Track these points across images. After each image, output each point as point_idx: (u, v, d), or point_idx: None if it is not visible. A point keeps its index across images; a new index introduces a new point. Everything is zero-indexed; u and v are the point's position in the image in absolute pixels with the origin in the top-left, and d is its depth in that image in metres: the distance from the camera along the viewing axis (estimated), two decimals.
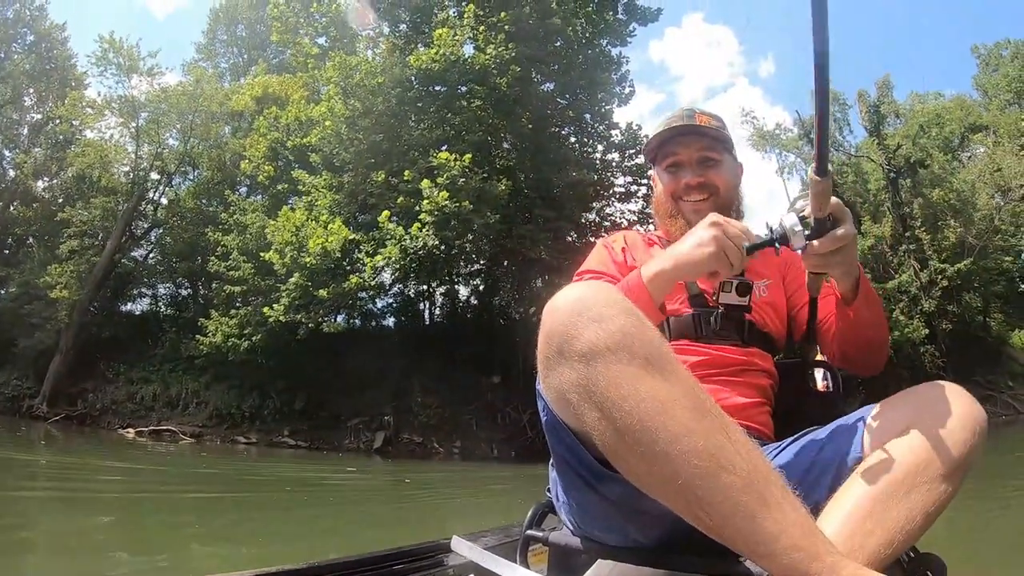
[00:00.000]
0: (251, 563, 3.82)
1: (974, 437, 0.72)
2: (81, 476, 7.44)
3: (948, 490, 0.70)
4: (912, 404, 0.77)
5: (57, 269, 15.19)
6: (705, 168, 1.14)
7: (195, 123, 15.75)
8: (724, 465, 0.60)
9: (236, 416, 13.05)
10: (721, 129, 1.16)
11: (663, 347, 0.65)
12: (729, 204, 1.15)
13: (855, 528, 0.68)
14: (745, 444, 0.63)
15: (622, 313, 0.65)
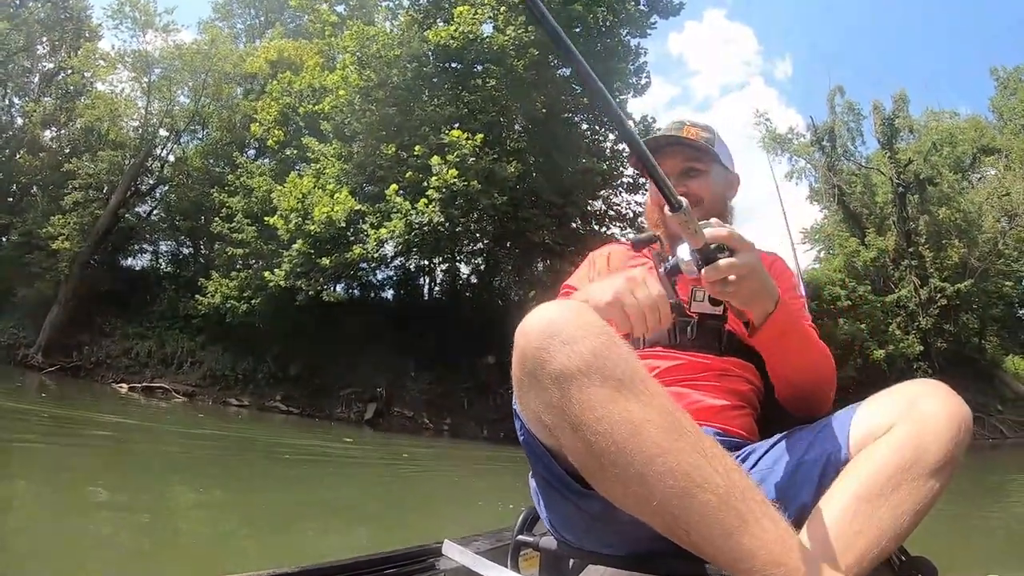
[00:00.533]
0: (233, 519, 3.91)
1: (959, 434, 0.72)
2: (79, 428, 7.52)
3: (935, 487, 0.70)
4: (897, 402, 0.77)
5: (60, 220, 15.15)
6: (688, 179, 1.13)
7: (207, 82, 15.67)
8: (700, 484, 0.61)
9: (230, 378, 13.12)
10: (710, 140, 1.15)
11: (636, 366, 0.65)
12: (715, 215, 1.11)
13: (843, 529, 0.68)
14: (722, 460, 0.63)
15: (592, 334, 0.65)
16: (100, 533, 3.05)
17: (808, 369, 0.97)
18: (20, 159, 18.37)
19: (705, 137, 1.14)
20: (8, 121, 19.26)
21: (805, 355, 0.95)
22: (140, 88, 16.91)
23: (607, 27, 12.58)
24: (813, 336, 0.96)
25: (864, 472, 0.71)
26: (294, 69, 13.88)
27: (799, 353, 0.94)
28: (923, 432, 0.71)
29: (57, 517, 3.19)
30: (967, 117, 20.07)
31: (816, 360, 0.96)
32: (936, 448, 0.70)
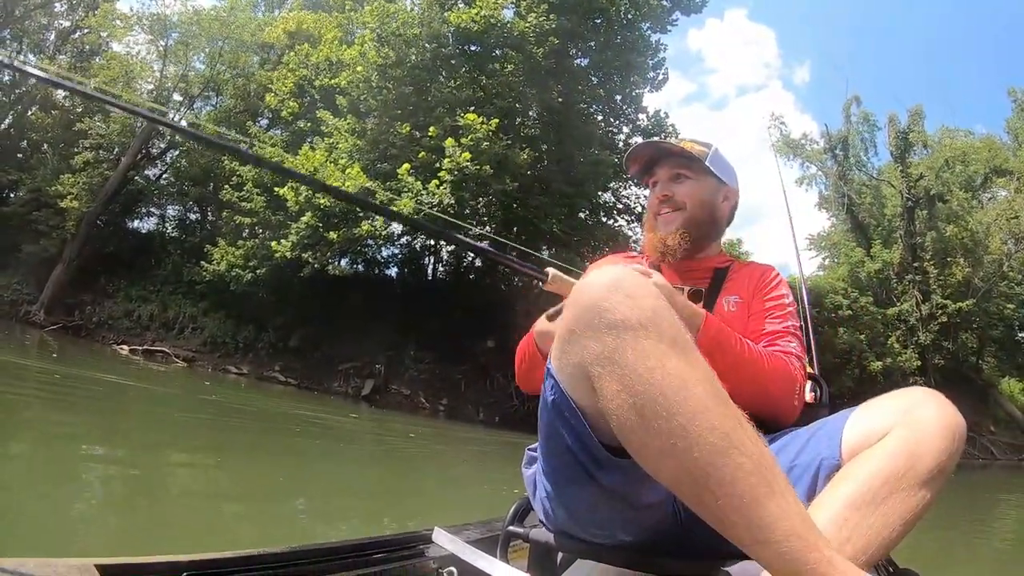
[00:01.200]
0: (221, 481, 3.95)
1: (952, 444, 0.71)
2: (84, 385, 7.59)
3: (926, 497, 0.69)
4: (892, 409, 0.77)
5: (70, 179, 15.16)
6: (674, 184, 1.19)
7: (224, 49, 15.61)
8: (736, 445, 0.62)
9: (230, 346, 13.18)
10: (704, 153, 1.19)
11: (687, 335, 0.68)
12: (700, 221, 1.19)
13: (831, 535, 0.67)
14: (754, 432, 0.64)
15: (653, 295, 0.68)
16: (88, 495, 3.09)
17: (740, 392, 0.95)
18: (32, 116, 18.36)
19: (698, 151, 1.19)
20: (21, 77, 19.21)
21: (732, 379, 0.92)
22: (156, 51, 16.88)
23: (628, 20, 12.53)
24: (753, 361, 0.96)
25: (856, 479, 0.71)
26: (312, 42, 13.83)
27: (730, 377, 0.90)
28: (917, 441, 0.71)
29: (48, 480, 3.21)
30: (982, 136, 20.00)
31: (749, 384, 0.93)
32: (929, 458, 0.70)
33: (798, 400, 1.01)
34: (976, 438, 16.38)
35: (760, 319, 1.12)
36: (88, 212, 15.13)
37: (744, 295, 1.15)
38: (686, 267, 1.20)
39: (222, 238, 12.71)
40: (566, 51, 11.88)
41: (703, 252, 1.21)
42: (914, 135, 17.67)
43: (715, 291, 1.16)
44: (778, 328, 1.09)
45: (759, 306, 1.14)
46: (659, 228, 1.19)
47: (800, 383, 1.02)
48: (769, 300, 1.14)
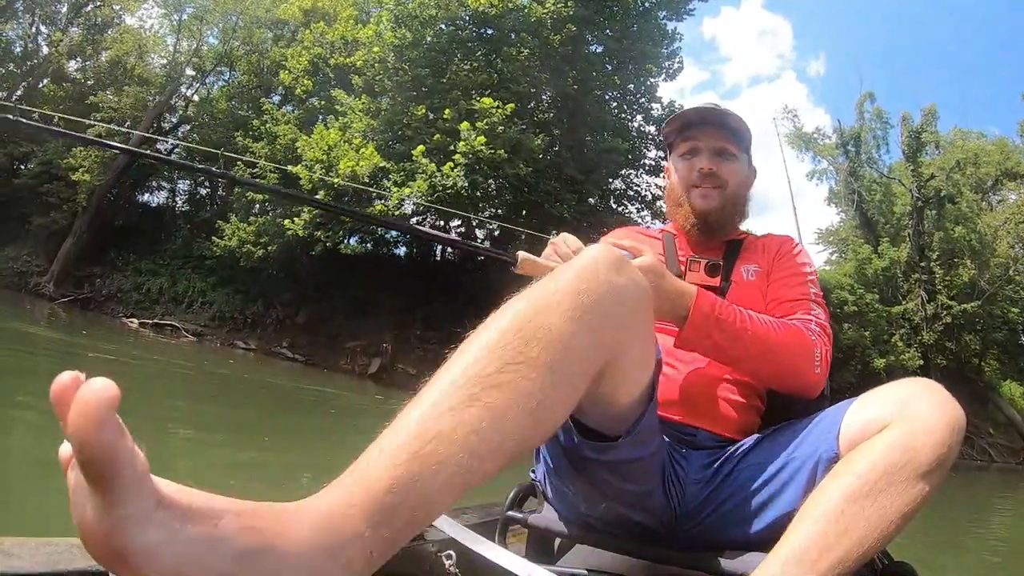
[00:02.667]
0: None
1: (952, 436, 0.70)
2: (98, 355, 7.67)
3: (925, 490, 0.68)
4: (891, 401, 0.75)
5: (82, 152, 15.20)
6: (721, 159, 1.14)
7: (238, 25, 15.59)
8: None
9: (239, 320, 13.29)
10: (744, 127, 1.15)
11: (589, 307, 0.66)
12: (736, 201, 1.16)
13: (827, 527, 0.66)
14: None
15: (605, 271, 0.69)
16: None
17: (750, 367, 0.98)
18: (45, 88, 18.34)
19: (743, 127, 1.16)
20: (34, 49, 19.15)
21: (736, 353, 0.94)
22: (170, 25, 16.86)
23: (645, 8, 12.49)
24: (760, 334, 0.93)
25: (854, 471, 0.70)
26: (327, 19, 13.81)
27: (736, 353, 0.94)
28: (916, 433, 0.70)
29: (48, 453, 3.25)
30: (994, 139, 19.94)
31: (759, 358, 0.94)
32: (928, 450, 0.69)
33: (820, 369, 0.96)
34: (975, 440, 16.46)
35: (779, 286, 1.10)
36: (99, 186, 15.20)
37: (763, 264, 1.14)
38: (703, 238, 1.17)
39: (233, 214, 12.77)
40: (582, 38, 11.86)
41: (732, 230, 1.20)
42: (927, 135, 17.62)
43: (732, 261, 1.15)
44: (797, 295, 1.07)
45: (778, 274, 1.12)
46: (695, 201, 1.14)
47: (822, 350, 0.97)
48: (787, 268, 1.13)
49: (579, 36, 11.62)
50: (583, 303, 0.63)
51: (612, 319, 0.66)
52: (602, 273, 0.66)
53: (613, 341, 0.68)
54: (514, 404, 0.54)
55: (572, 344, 0.60)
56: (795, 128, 18.77)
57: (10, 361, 5.98)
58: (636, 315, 0.70)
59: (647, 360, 0.77)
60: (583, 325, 0.62)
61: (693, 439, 0.99)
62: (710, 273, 1.06)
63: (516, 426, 0.54)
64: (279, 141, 12.42)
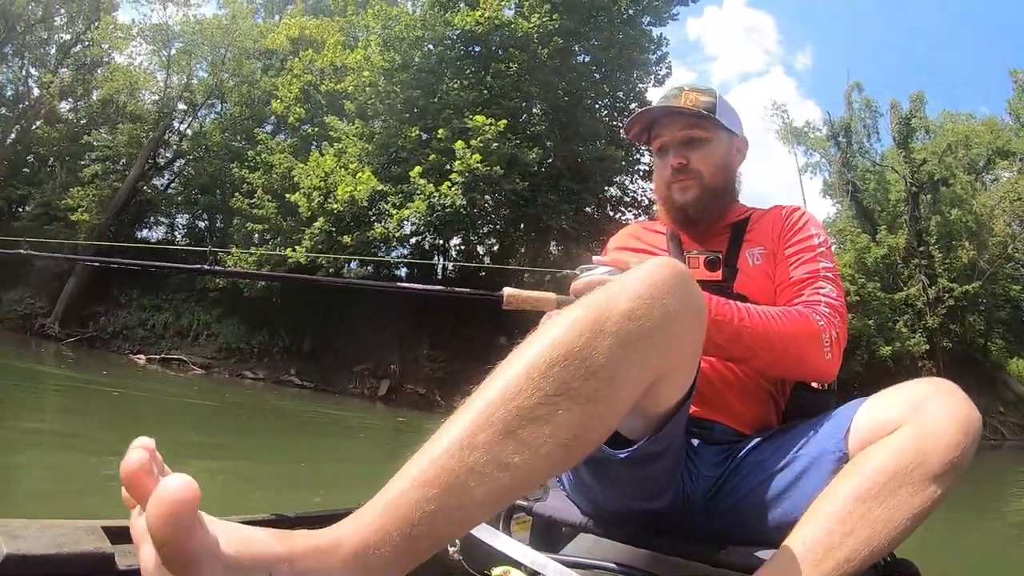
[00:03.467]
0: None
1: (966, 438, 0.68)
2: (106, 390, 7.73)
3: (937, 492, 0.66)
4: (904, 401, 0.74)
5: (79, 192, 15.27)
6: (689, 150, 1.08)
7: (227, 57, 15.73)
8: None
9: (245, 351, 13.31)
10: (710, 104, 1.08)
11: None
12: (717, 186, 1.10)
13: (835, 526, 0.66)
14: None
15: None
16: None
17: (757, 362, 0.94)
18: (38, 130, 18.46)
19: (705, 102, 1.08)
20: (25, 91, 19.29)
21: (739, 351, 0.91)
22: (159, 61, 17.00)
23: (629, 16, 12.63)
24: (761, 329, 0.89)
25: (863, 472, 0.69)
26: (315, 47, 13.94)
27: (739, 352, 0.91)
28: (928, 435, 0.68)
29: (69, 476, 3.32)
30: (984, 119, 20.07)
31: (765, 352, 0.91)
32: (941, 453, 0.67)
33: (831, 354, 0.92)
34: (986, 420, 16.36)
35: (787, 267, 1.04)
36: (99, 224, 15.28)
37: (768, 244, 1.08)
38: (705, 225, 1.12)
39: (234, 245, 12.83)
40: (569, 50, 11.98)
41: (724, 213, 1.13)
42: (916, 121, 17.75)
43: (736, 247, 1.08)
44: (805, 274, 1.01)
45: (785, 252, 1.06)
46: (675, 197, 1.09)
47: (831, 333, 0.92)
48: (794, 243, 1.06)
49: (566, 48, 11.75)
50: (638, 329, 0.60)
51: (665, 346, 0.64)
52: (664, 298, 0.63)
53: (663, 366, 0.66)
54: (551, 437, 0.54)
55: (620, 373, 0.58)
56: (785, 124, 18.91)
57: (26, 397, 6.06)
58: (690, 338, 0.68)
59: (691, 374, 0.76)
60: (635, 352, 0.60)
61: (709, 433, 0.97)
62: (710, 268, 1.03)
63: (549, 460, 0.54)
64: (275, 170, 12.50)
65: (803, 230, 1.07)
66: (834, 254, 1.08)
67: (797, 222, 1.09)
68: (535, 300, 0.88)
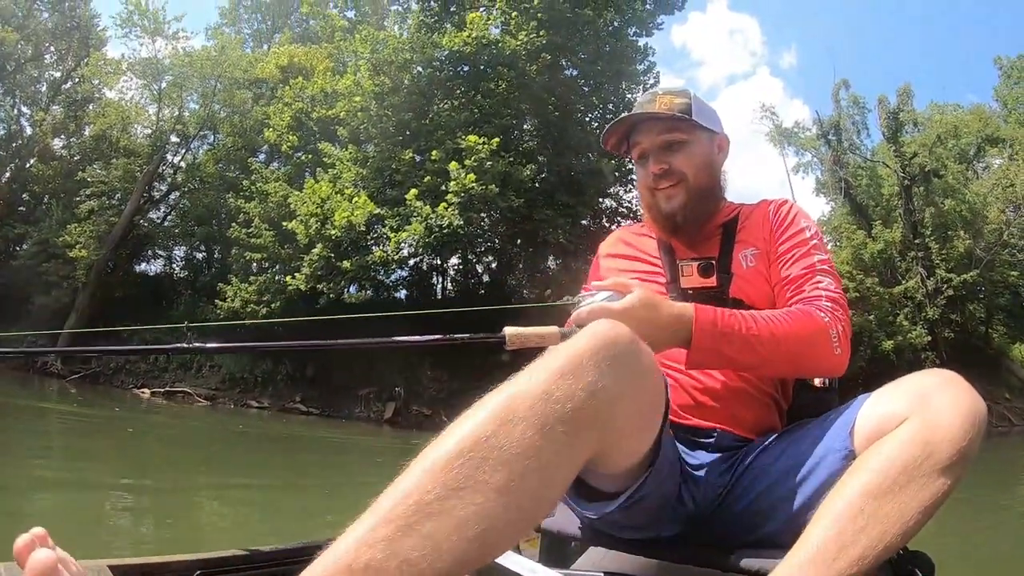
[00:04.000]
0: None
1: (973, 428, 0.68)
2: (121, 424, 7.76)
3: (946, 484, 0.66)
4: (908, 394, 0.74)
5: (76, 229, 15.30)
6: (669, 154, 1.06)
7: (217, 88, 15.83)
8: None
9: (249, 380, 13.29)
10: (685, 106, 1.06)
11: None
12: (703, 187, 1.07)
13: (846, 525, 0.65)
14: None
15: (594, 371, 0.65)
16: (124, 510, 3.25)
17: (770, 368, 0.94)
18: (32, 168, 18.53)
19: (681, 104, 1.06)
20: (17, 131, 19.39)
21: (752, 360, 0.89)
22: (151, 95, 17.11)
23: (615, 27, 12.75)
24: (769, 335, 0.88)
25: (872, 468, 0.69)
26: (305, 74, 14.04)
27: (750, 361, 0.89)
28: (935, 428, 0.68)
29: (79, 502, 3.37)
30: (972, 107, 20.24)
31: (778, 358, 0.90)
32: (948, 445, 0.67)
33: (840, 348, 0.92)
34: (992, 407, 16.45)
35: (782, 265, 1.02)
36: (97, 260, 15.30)
37: (760, 243, 1.05)
38: (694, 227, 1.10)
39: (234, 275, 12.85)
40: (557, 64, 12.08)
41: (713, 214, 1.11)
42: (904, 114, 17.89)
43: (728, 249, 1.06)
44: (801, 270, 1.00)
45: (779, 249, 1.04)
46: (661, 204, 1.07)
47: (837, 328, 0.92)
48: (786, 240, 1.04)
49: (554, 63, 11.86)
50: (555, 412, 0.58)
51: (599, 424, 0.61)
52: (587, 374, 0.60)
53: (604, 440, 0.63)
54: (454, 532, 0.52)
55: (536, 461, 0.56)
56: (775, 126, 19.06)
57: (34, 435, 6.10)
58: (634, 407, 0.66)
59: (650, 430, 0.74)
60: (552, 439, 0.57)
61: (711, 442, 0.96)
62: (703, 274, 1.01)
63: (454, 554, 0.52)
64: (271, 199, 12.55)
65: (793, 224, 1.05)
66: (827, 245, 1.08)
67: (787, 217, 1.07)
68: (538, 337, 0.86)
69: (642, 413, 0.71)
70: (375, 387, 12.45)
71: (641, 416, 0.71)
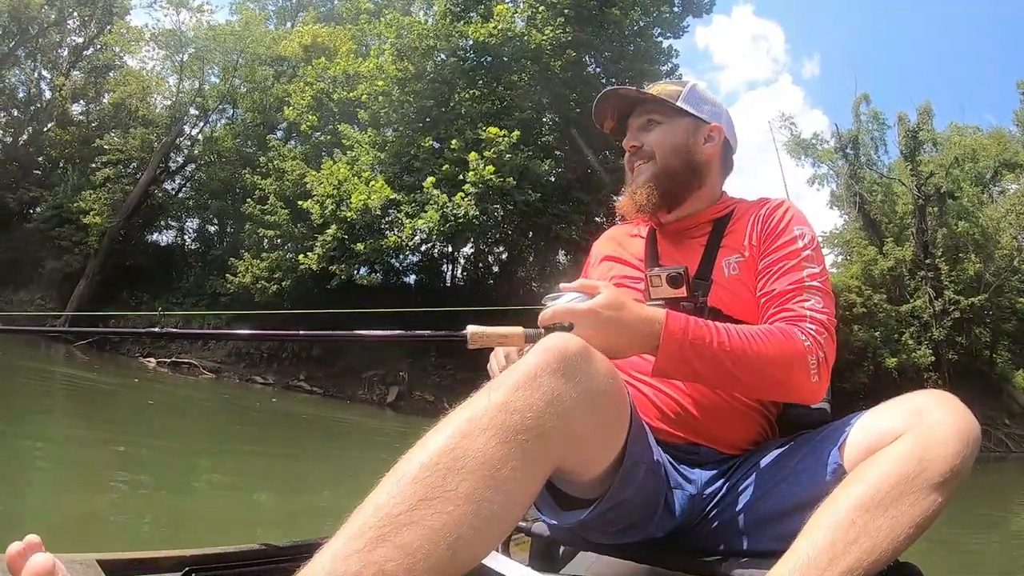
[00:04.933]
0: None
1: (966, 447, 0.69)
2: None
3: (938, 501, 0.68)
4: (904, 412, 0.75)
5: (91, 195, 15.39)
6: (645, 133, 1.08)
7: (239, 63, 15.87)
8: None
9: (255, 356, 13.37)
10: (674, 93, 1.08)
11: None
12: (673, 170, 1.05)
13: (838, 536, 0.66)
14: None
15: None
16: (114, 493, 3.26)
17: (738, 386, 0.89)
18: (50, 133, 18.61)
19: (671, 91, 1.08)
20: (36, 94, 19.47)
21: (718, 377, 0.85)
22: (172, 66, 17.16)
23: (640, 27, 12.73)
24: (740, 351, 0.83)
25: (866, 481, 0.70)
26: (327, 54, 14.06)
27: (718, 378, 0.86)
28: (929, 444, 0.69)
29: (72, 479, 3.41)
30: (991, 130, 20.10)
31: (747, 376, 0.85)
32: (941, 461, 0.68)
33: (818, 376, 0.86)
34: (991, 432, 16.45)
35: (769, 277, 0.96)
36: (110, 228, 15.39)
37: (749, 250, 1.00)
38: (681, 226, 1.08)
39: (246, 251, 12.92)
40: (581, 61, 12.07)
41: (688, 204, 1.07)
42: (923, 133, 17.81)
43: (711, 255, 1.02)
44: (788, 286, 0.93)
45: (767, 258, 0.98)
46: (633, 181, 1.08)
47: (818, 354, 0.86)
48: (775, 250, 0.97)
49: (578, 59, 11.84)
50: (515, 423, 0.60)
51: (556, 432, 0.63)
52: (543, 385, 0.63)
53: (562, 449, 0.65)
54: (426, 541, 0.54)
55: (501, 469, 0.58)
56: (793, 136, 19.01)
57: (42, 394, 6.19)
58: (589, 418, 0.67)
59: (612, 442, 0.75)
60: (515, 447, 0.59)
61: (696, 457, 0.95)
62: (673, 284, 0.97)
63: (429, 562, 0.54)
64: (287, 177, 12.60)
65: (786, 231, 0.99)
66: (824, 255, 1.01)
67: (780, 223, 1.00)
68: (501, 336, 0.85)
69: (603, 419, 0.71)
70: (380, 370, 12.52)
71: (603, 422, 0.72)
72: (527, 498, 0.62)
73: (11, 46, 18.38)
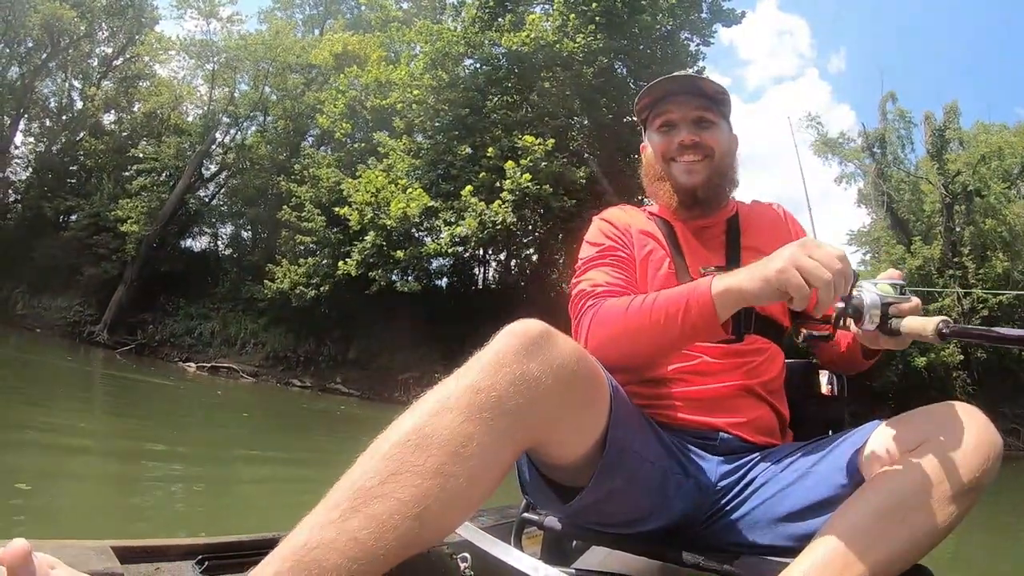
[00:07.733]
0: None
1: (987, 461, 0.69)
2: None
3: (956, 512, 0.68)
4: (925, 422, 0.75)
5: (128, 204, 15.76)
6: (701, 128, 1.06)
7: (269, 72, 16.15)
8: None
9: (292, 359, 13.69)
10: (721, 91, 1.08)
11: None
12: (723, 171, 1.08)
13: (853, 541, 0.67)
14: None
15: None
16: (154, 487, 3.35)
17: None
18: (84, 142, 19.04)
19: (719, 90, 1.08)
20: (68, 104, 19.88)
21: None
22: (203, 75, 17.52)
23: (668, 31, 12.84)
24: None
25: (885, 489, 0.70)
26: (358, 62, 14.30)
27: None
28: (949, 456, 0.69)
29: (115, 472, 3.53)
30: (1017, 124, 19.93)
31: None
32: (962, 473, 0.68)
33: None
34: (1020, 430, 16.35)
35: None
36: (147, 235, 15.74)
37: (766, 249, 0.93)
38: (698, 224, 1.09)
39: (282, 256, 13.19)
40: (612, 67, 12.20)
41: (724, 202, 1.10)
42: (950, 132, 17.75)
43: (735, 252, 1.05)
44: None
45: None
46: (680, 177, 1.05)
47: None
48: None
49: (609, 65, 11.98)
50: (481, 402, 0.63)
51: (521, 411, 0.65)
52: (508, 365, 0.65)
53: (531, 428, 0.68)
54: (396, 512, 0.58)
55: (467, 446, 0.61)
56: (820, 135, 18.99)
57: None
58: (556, 398, 0.69)
59: (588, 426, 0.76)
60: (481, 424, 0.62)
61: (713, 443, 0.95)
62: None
63: (398, 532, 0.57)
64: (322, 184, 12.86)
65: (800, 234, 1.09)
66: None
67: (796, 225, 1.14)
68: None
69: (575, 399, 0.72)
70: (416, 372, 12.76)
71: (575, 402, 0.73)
72: (495, 474, 0.65)
73: (43, 58, 18.81)
